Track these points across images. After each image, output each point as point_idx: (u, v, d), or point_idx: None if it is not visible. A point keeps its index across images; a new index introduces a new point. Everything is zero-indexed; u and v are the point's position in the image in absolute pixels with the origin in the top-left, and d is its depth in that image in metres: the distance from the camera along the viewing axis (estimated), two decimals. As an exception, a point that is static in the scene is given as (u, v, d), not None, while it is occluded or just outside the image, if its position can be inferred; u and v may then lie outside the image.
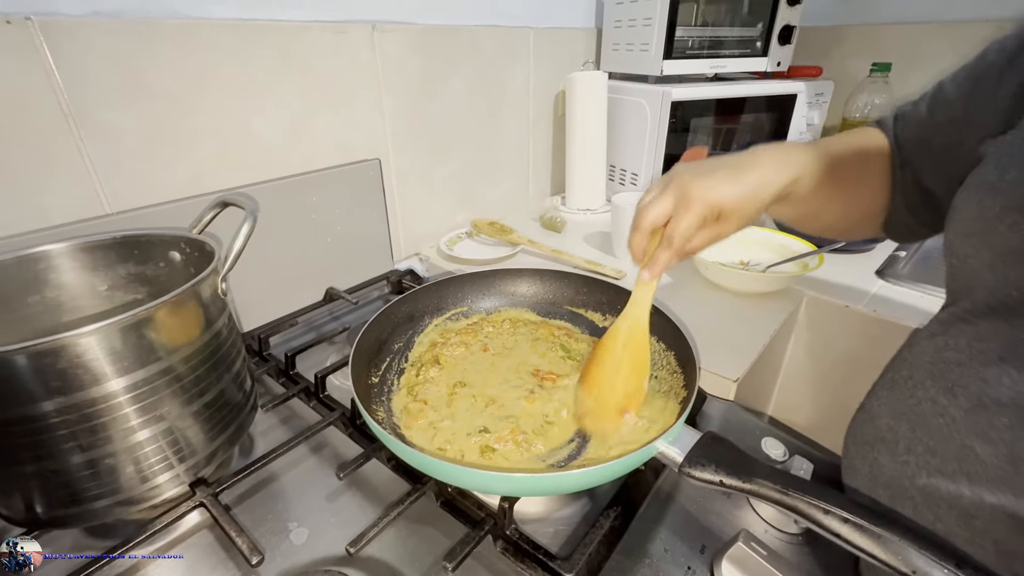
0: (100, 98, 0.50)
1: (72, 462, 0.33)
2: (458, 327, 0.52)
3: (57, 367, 0.31)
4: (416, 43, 0.76)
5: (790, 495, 0.28)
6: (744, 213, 0.40)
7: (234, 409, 0.41)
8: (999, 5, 0.87)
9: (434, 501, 0.39)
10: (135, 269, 0.44)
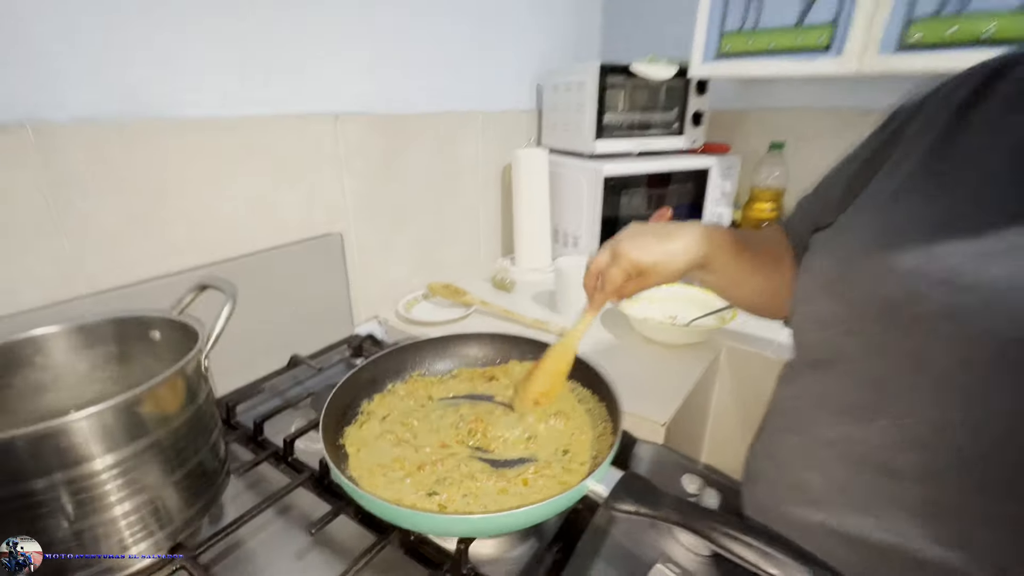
0: (79, 190, 0.54)
1: (58, 535, 0.36)
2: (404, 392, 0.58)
3: (51, 448, 0.34)
4: (375, 129, 0.85)
5: (687, 518, 0.35)
6: (661, 273, 0.49)
7: (210, 476, 0.44)
8: (867, 98, 1.06)
9: (398, 549, 0.43)
10: (116, 349, 0.48)
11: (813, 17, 0.90)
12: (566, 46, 1.29)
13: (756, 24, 0.97)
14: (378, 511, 0.40)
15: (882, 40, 0.84)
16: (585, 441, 0.50)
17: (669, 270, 0.49)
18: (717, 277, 0.53)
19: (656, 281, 0.50)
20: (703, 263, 0.50)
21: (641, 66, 1.06)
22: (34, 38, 0.50)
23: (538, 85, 1.23)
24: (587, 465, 0.46)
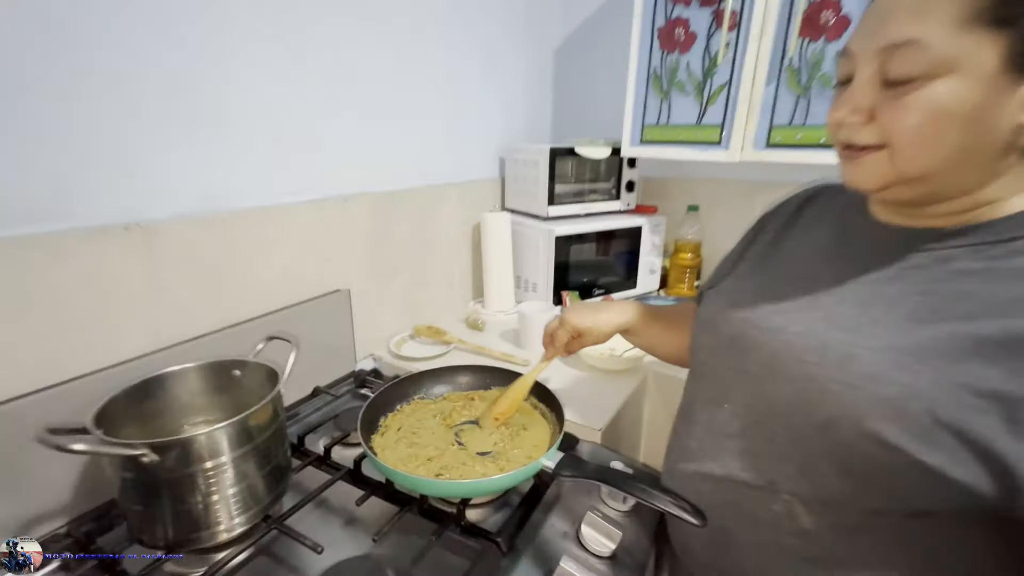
0: (170, 270, 0.74)
1: (195, 504, 0.55)
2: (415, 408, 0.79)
3: (205, 445, 0.54)
4: (373, 205, 1.07)
5: (604, 476, 0.58)
6: (594, 334, 0.74)
7: (284, 472, 0.64)
8: (754, 174, 1.36)
9: (415, 516, 0.64)
10: (213, 382, 0.67)
11: (707, 119, 1.20)
12: (524, 126, 1.57)
13: (668, 120, 1.26)
14: (404, 482, 0.61)
15: (755, 140, 1.14)
16: (543, 441, 0.72)
17: (600, 333, 0.75)
18: (639, 339, 0.78)
19: (591, 341, 0.75)
20: (627, 329, 0.75)
21: (583, 148, 1.34)
22: (143, 161, 0.70)
23: (501, 158, 1.49)
24: (540, 449, 0.68)
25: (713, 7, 1.13)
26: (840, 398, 0.43)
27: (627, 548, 0.62)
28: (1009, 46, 0.37)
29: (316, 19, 0.89)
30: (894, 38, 0.40)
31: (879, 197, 0.48)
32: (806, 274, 0.53)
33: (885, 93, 0.41)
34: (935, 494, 0.41)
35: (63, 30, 0.60)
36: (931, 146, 0.40)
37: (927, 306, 0.43)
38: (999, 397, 0.37)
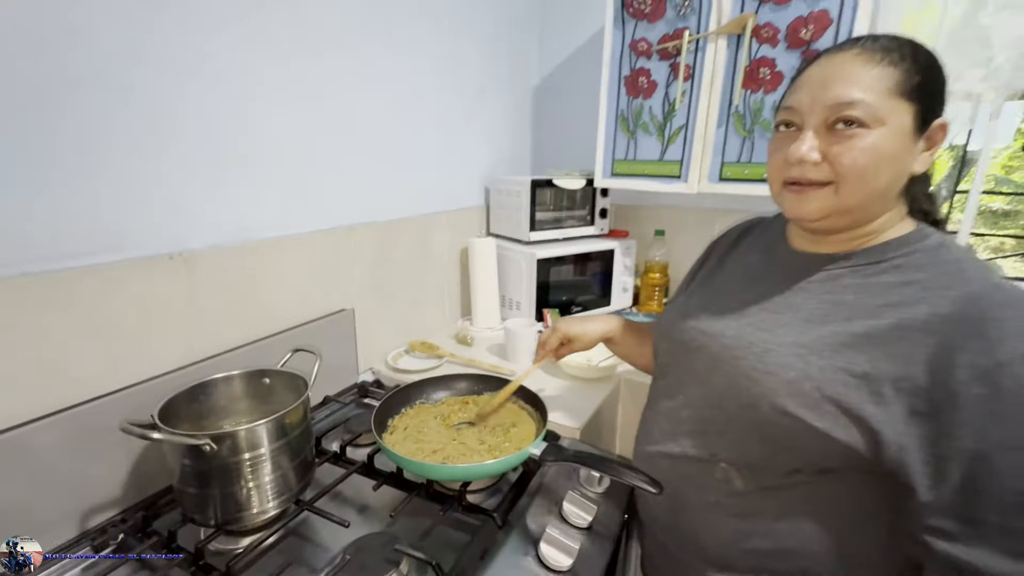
0: (206, 293, 0.85)
1: (240, 489, 0.66)
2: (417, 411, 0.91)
3: (251, 438, 0.65)
4: (374, 233, 1.20)
5: (581, 459, 0.70)
6: (581, 342, 0.88)
7: (310, 465, 0.75)
8: (711, 203, 1.53)
9: (423, 500, 0.75)
10: (247, 388, 0.78)
11: (668, 156, 1.37)
12: (506, 158, 1.72)
13: (634, 156, 1.43)
14: (413, 468, 0.72)
15: (709, 174, 1.31)
16: (530, 435, 0.84)
17: (587, 339, 0.89)
18: (619, 348, 0.92)
19: (579, 347, 0.90)
20: (609, 338, 0.90)
21: (560, 180, 1.49)
22: (185, 199, 0.82)
23: (486, 188, 1.63)
24: (527, 440, 0.80)
25: (670, 61, 1.31)
26: (759, 383, 0.57)
27: (601, 520, 0.74)
28: (915, 114, 0.53)
29: (327, 78, 1.03)
30: (842, 97, 0.53)
31: (814, 226, 0.60)
32: (740, 290, 0.67)
33: (830, 137, 0.54)
34: (826, 452, 0.54)
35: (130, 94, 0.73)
36: (868, 180, 0.53)
37: (820, 312, 0.58)
38: (866, 376, 0.52)
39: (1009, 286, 0.50)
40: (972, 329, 0.47)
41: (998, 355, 0.46)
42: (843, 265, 0.59)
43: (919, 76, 0.53)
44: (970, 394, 0.46)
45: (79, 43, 0.67)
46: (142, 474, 0.75)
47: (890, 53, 0.54)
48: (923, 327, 0.50)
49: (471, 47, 1.47)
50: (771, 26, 1.16)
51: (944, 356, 0.48)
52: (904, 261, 0.55)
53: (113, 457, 0.73)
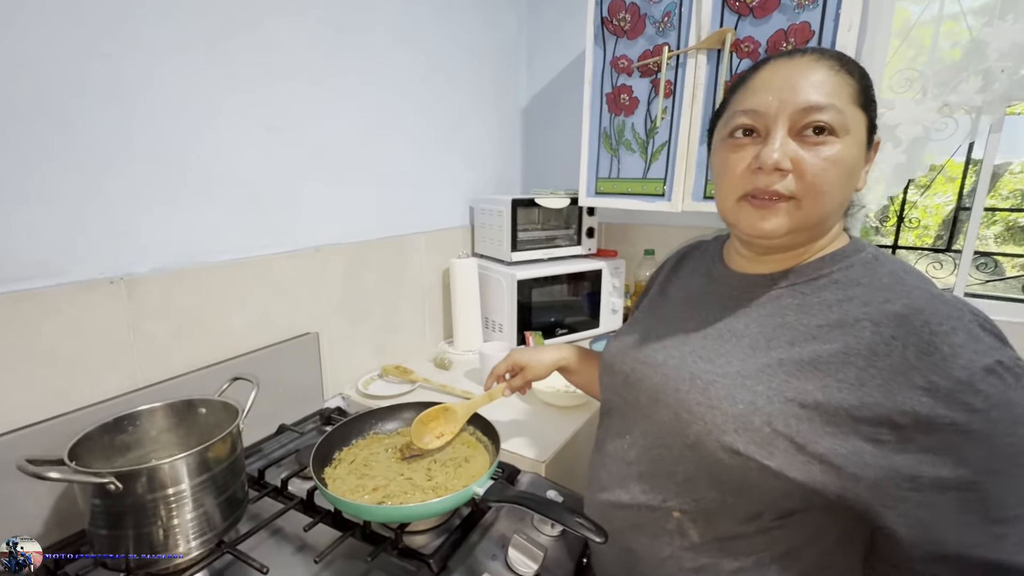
0: (152, 318, 0.82)
1: (155, 529, 0.61)
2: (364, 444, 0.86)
3: (168, 473, 0.61)
4: (344, 254, 1.17)
5: (525, 501, 0.64)
6: (534, 369, 0.83)
7: (240, 501, 0.70)
8: (698, 221, 1.47)
9: (358, 540, 0.70)
10: (177, 419, 0.74)
11: (651, 174, 1.32)
12: (494, 177, 1.70)
13: (618, 175, 1.38)
14: (347, 509, 0.67)
15: (693, 192, 1.26)
16: (483, 470, 0.78)
17: (540, 367, 0.84)
18: (576, 377, 0.87)
19: (532, 375, 0.84)
20: (564, 367, 0.85)
21: (543, 199, 1.46)
22: (129, 222, 0.80)
23: (471, 207, 1.60)
24: (476, 477, 0.75)
25: (651, 77, 1.27)
26: (703, 418, 0.52)
27: (549, 568, 0.68)
28: (867, 127, 0.51)
29: (293, 103, 1.02)
30: (815, 101, 0.49)
31: (774, 243, 0.55)
32: (681, 317, 0.62)
33: (797, 144, 0.50)
34: (784, 492, 0.49)
35: (67, 121, 0.71)
36: (832, 194, 0.50)
37: (763, 337, 0.53)
38: (818, 407, 0.46)
39: (949, 297, 0.47)
40: (922, 344, 0.44)
41: (955, 372, 0.42)
42: (782, 284, 0.55)
43: (866, 88, 0.52)
44: (937, 417, 0.43)
45: (18, 74, 0.66)
46: (63, 512, 0.72)
47: (844, 63, 0.51)
48: (870, 350, 0.46)
49: (453, 71, 1.46)
50: (751, 40, 1.11)
51: (899, 379, 0.44)
52: (842, 276, 0.52)
53: (33, 492, 0.70)
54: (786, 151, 0.50)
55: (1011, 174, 4.07)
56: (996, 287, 1.43)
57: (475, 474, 0.77)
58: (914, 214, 1.85)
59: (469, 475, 0.77)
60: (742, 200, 0.54)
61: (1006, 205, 1.91)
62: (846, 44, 1.01)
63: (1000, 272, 1.55)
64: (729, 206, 0.56)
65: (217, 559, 0.66)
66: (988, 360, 0.43)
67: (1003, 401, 0.42)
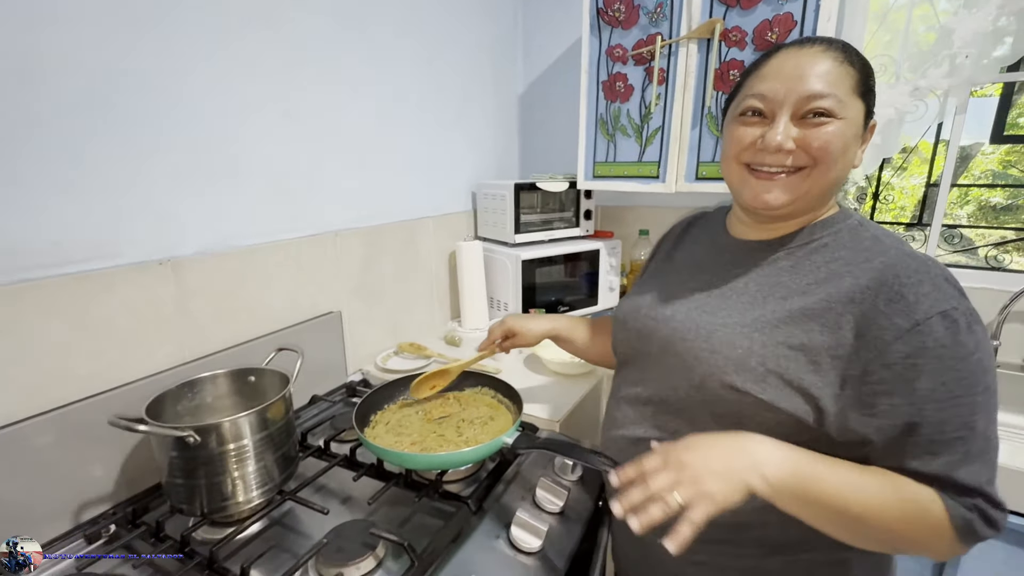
0: (195, 297, 0.89)
1: (224, 479, 0.69)
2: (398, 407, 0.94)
3: (234, 429, 0.68)
4: (361, 238, 1.24)
5: (549, 445, 0.73)
6: (525, 337, 0.91)
7: (293, 458, 0.78)
8: (690, 201, 1.56)
9: (400, 488, 0.78)
10: (232, 386, 0.82)
11: (646, 157, 1.40)
12: (494, 163, 1.76)
13: (614, 158, 1.47)
14: (391, 458, 0.76)
15: (686, 174, 1.34)
16: (507, 426, 0.87)
17: (530, 335, 0.92)
18: (568, 345, 0.95)
19: (522, 342, 0.93)
20: (555, 335, 0.93)
21: (543, 183, 1.53)
22: (174, 208, 0.86)
23: (473, 192, 1.68)
24: (505, 430, 0.83)
25: (645, 65, 1.35)
26: (706, 362, 0.61)
27: (573, 505, 0.78)
28: (864, 112, 0.58)
29: (310, 94, 1.07)
30: (818, 90, 0.56)
31: (775, 213, 0.62)
32: (687, 278, 0.71)
33: (801, 125, 0.57)
34: (775, 422, 0.57)
35: (112, 112, 0.77)
36: (834, 164, 0.57)
37: (760, 293, 0.62)
38: (803, 348, 0.56)
39: (920, 254, 0.55)
40: (891, 293, 0.52)
41: (915, 315, 0.50)
42: (778, 249, 0.63)
43: (866, 78, 0.59)
44: (895, 353, 0.51)
45: (69, 71, 0.72)
46: (132, 471, 0.79)
47: (848, 54, 0.58)
48: (848, 297, 0.54)
49: (454, 61, 1.52)
50: (739, 29, 1.20)
51: (869, 321, 0.52)
52: (831, 240, 0.60)
53: (105, 454, 0.77)
54: (788, 134, 0.57)
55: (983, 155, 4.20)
56: (963, 258, 1.55)
57: (501, 430, 0.86)
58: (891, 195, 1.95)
59: (495, 431, 0.86)
60: (745, 170, 0.62)
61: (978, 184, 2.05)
62: (826, 32, 1.10)
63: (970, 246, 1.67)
64: (734, 172, 0.64)
65: (277, 507, 0.74)
66: (945, 306, 0.50)
67: (951, 342, 0.50)
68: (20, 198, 0.69)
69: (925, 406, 0.50)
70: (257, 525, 0.73)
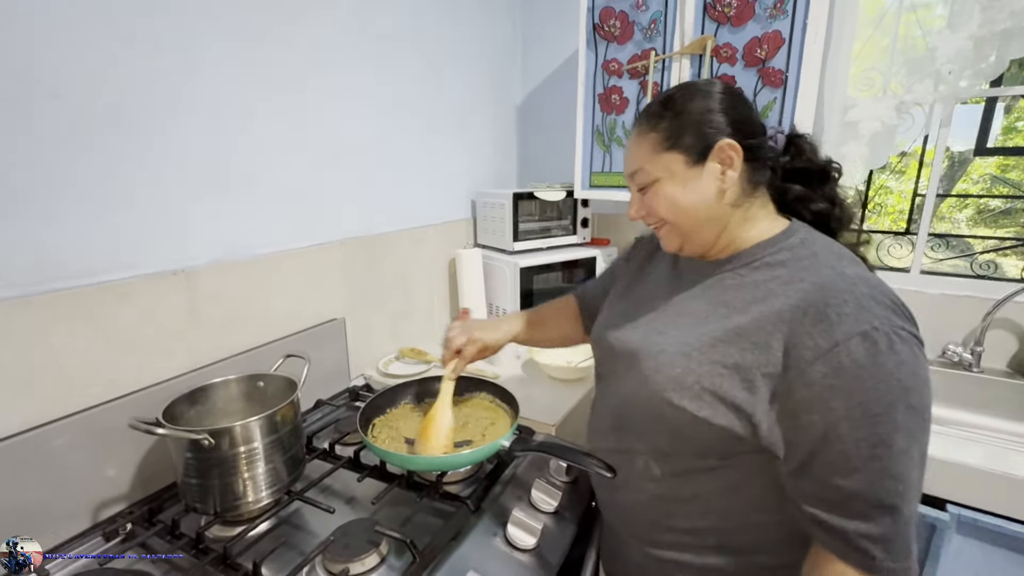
0: (207, 305, 0.93)
1: (236, 480, 0.73)
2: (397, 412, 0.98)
3: (246, 432, 0.72)
4: (364, 247, 1.28)
5: (544, 448, 0.77)
6: (493, 348, 0.92)
7: (301, 460, 0.82)
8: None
9: (402, 490, 0.82)
10: (242, 391, 0.86)
11: (641, 168, 1.44)
12: (493, 172, 1.81)
13: (610, 168, 1.51)
14: (394, 460, 0.80)
15: (679, 184, 1.38)
16: (505, 431, 0.91)
17: (498, 345, 0.92)
18: (528, 343, 0.98)
19: (491, 352, 0.92)
20: (514, 338, 0.95)
21: (541, 192, 1.58)
22: (187, 221, 0.90)
23: (473, 201, 1.72)
24: (503, 432, 0.87)
25: (640, 79, 1.39)
26: (652, 380, 0.64)
27: (567, 505, 0.81)
28: (684, 155, 0.63)
29: (315, 108, 1.12)
30: (629, 169, 0.67)
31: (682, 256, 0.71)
32: (652, 297, 0.74)
33: (643, 196, 0.67)
34: (714, 437, 0.60)
35: (131, 128, 0.81)
36: (683, 216, 0.64)
37: (706, 313, 0.64)
38: (736, 367, 0.57)
39: (852, 273, 0.56)
40: (816, 314, 0.53)
41: (836, 335, 0.51)
42: (726, 268, 0.65)
43: (675, 125, 0.63)
44: (815, 372, 0.51)
45: (95, 91, 0.76)
46: (147, 473, 0.83)
47: (650, 119, 0.65)
48: (777, 317, 0.56)
49: (455, 73, 1.56)
50: (729, 46, 1.24)
51: (795, 340, 0.54)
52: (771, 259, 0.62)
53: (122, 456, 0.81)
54: (637, 207, 0.69)
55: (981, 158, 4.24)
56: (957, 265, 1.58)
57: (499, 433, 0.90)
58: (889, 200, 1.99)
59: (494, 434, 0.90)
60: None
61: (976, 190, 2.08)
62: (813, 51, 1.14)
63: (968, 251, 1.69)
64: None
65: (285, 507, 0.78)
66: (866, 326, 0.50)
67: (870, 362, 0.49)
68: (49, 212, 0.73)
69: (840, 424, 0.50)
70: (267, 523, 0.76)
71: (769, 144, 0.67)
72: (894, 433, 0.49)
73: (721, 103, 0.63)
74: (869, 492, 0.50)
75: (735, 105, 0.64)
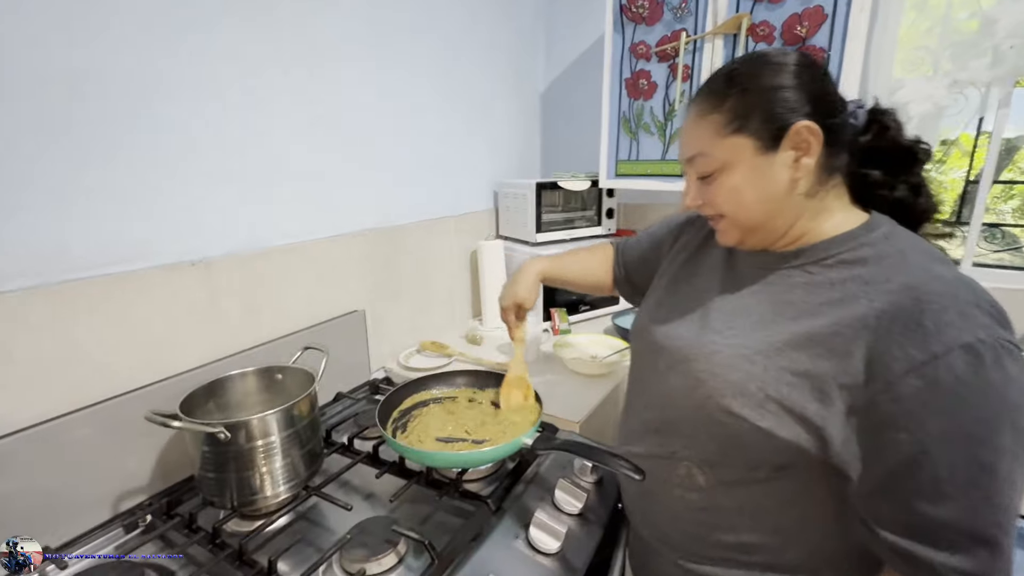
0: (225, 297, 0.92)
1: (253, 474, 0.71)
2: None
3: (263, 425, 0.71)
4: (382, 238, 1.26)
5: (568, 447, 0.73)
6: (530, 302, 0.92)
7: (318, 454, 0.80)
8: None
9: (422, 487, 0.79)
10: (260, 383, 0.84)
11: (670, 155, 1.39)
12: (516, 162, 1.77)
13: (637, 156, 1.45)
14: (413, 456, 0.77)
15: (710, 172, 1.32)
16: (528, 427, 0.87)
17: (532, 298, 0.93)
18: (556, 282, 0.98)
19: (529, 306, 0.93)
20: (543, 278, 0.95)
21: (565, 182, 1.53)
22: (205, 212, 0.89)
23: (494, 191, 1.68)
24: (524, 430, 0.84)
25: (669, 62, 1.33)
26: (706, 383, 0.58)
27: (592, 507, 0.78)
28: (754, 140, 0.55)
29: (334, 98, 1.10)
30: (686, 155, 0.61)
31: (740, 247, 0.64)
32: (702, 292, 0.68)
33: (702, 184, 0.60)
34: (774, 449, 0.54)
35: (153, 123, 0.80)
36: (746, 209, 0.58)
37: (770, 313, 0.58)
38: (807, 374, 0.52)
39: (950, 275, 0.49)
40: (909, 320, 0.47)
41: (933, 347, 0.45)
42: (793, 264, 0.59)
43: (742, 104, 0.55)
44: (906, 387, 0.46)
45: (109, 84, 0.75)
46: (167, 465, 0.82)
47: (712, 97, 0.58)
48: (860, 323, 0.50)
49: (474, 61, 1.52)
50: (767, 24, 1.17)
51: (880, 350, 0.48)
52: (850, 255, 0.55)
53: (142, 448, 0.80)
54: (694, 195, 0.62)
55: (1033, 145, 3.98)
56: (1002, 258, 1.48)
57: (522, 430, 0.86)
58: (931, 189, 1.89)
59: (517, 430, 0.86)
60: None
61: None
62: (858, 26, 1.06)
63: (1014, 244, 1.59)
64: None
65: (302, 502, 0.76)
66: (969, 338, 0.44)
67: (972, 378, 0.44)
68: (67, 202, 0.72)
69: (932, 445, 0.45)
70: (284, 519, 0.75)
71: (850, 122, 0.58)
72: (999, 458, 0.44)
73: (796, 76, 0.55)
74: (964, 522, 0.44)
75: (814, 78, 0.55)
